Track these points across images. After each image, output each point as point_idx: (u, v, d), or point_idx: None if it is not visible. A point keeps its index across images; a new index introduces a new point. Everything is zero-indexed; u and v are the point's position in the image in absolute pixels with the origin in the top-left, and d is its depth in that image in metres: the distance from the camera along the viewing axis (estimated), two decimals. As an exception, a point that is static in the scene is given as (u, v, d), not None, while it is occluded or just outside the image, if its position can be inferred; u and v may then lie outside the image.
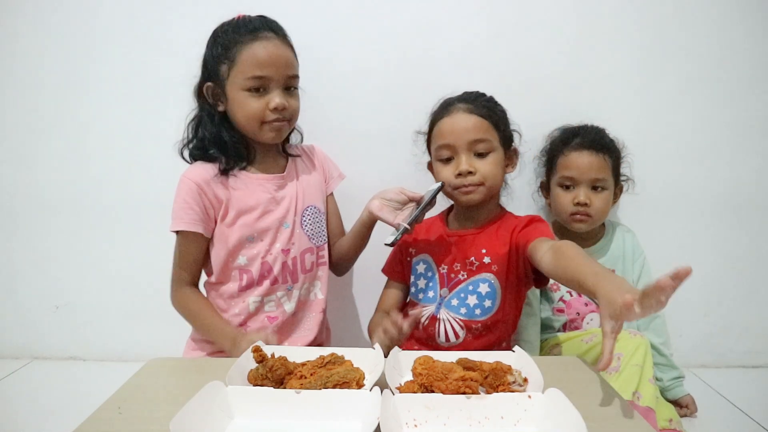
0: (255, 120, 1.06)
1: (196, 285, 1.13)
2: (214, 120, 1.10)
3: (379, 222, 1.13)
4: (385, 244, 1.05)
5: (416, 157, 1.26)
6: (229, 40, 1.06)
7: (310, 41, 1.18)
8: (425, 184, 1.25)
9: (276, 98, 1.05)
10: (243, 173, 1.12)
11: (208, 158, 1.10)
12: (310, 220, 1.18)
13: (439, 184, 1.07)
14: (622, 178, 1.34)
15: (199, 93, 1.11)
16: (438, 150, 1.11)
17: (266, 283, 1.12)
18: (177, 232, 1.08)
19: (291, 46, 1.10)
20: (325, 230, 1.23)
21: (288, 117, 1.09)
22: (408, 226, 1.03)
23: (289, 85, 1.09)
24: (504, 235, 1.10)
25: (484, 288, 1.09)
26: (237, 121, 1.09)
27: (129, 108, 1.46)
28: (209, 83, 1.08)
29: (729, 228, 1.50)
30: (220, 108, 1.10)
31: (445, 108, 1.12)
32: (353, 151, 1.41)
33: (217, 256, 1.10)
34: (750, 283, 1.52)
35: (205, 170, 1.09)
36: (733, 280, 1.52)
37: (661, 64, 1.43)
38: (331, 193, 1.27)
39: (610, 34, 1.42)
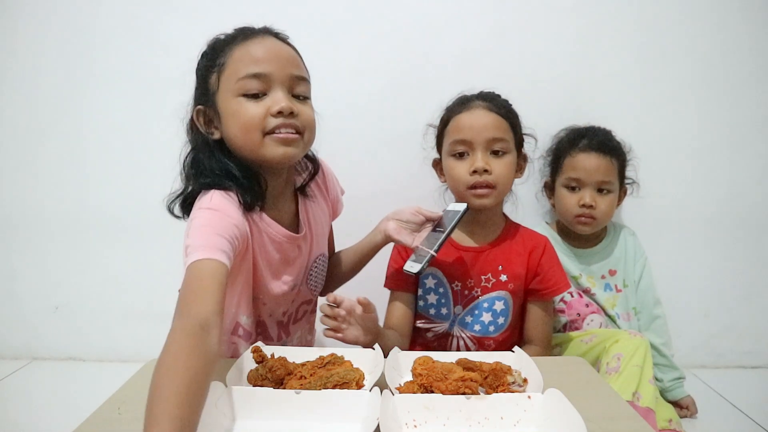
0: (255, 130, 0.83)
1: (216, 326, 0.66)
2: (211, 150, 0.88)
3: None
4: (410, 273, 0.94)
5: (423, 152, 1.21)
6: (217, 48, 0.88)
7: (309, 42, 1.16)
8: (425, 184, 1.25)
9: (281, 101, 0.83)
10: (261, 219, 0.90)
11: (222, 187, 0.86)
12: (315, 272, 1.04)
13: (464, 206, 0.99)
14: (627, 180, 1.34)
15: (191, 126, 0.91)
16: (453, 145, 1.07)
17: (259, 339, 0.97)
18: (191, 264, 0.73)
19: (296, 49, 0.92)
20: (325, 273, 1.09)
21: (300, 128, 0.86)
22: (434, 253, 0.93)
23: (297, 92, 0.87)
24: (520, 255, 1.09)
25: (499, 305, 1.08)
26: (234, 139, 0.86)
27: (128, 109, 1.46)
28: (199, 107, 0.89)
29: (729, 229, 1.49)
30: (215, 135, 0.88)
31: (463, 103, 1.09)
32: (349, 156, 1.37)
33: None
34: (750, 284, 1.52)
35: (230, 200, 0.85)
36: (733, 281, 1.52)
37: (666, 66, 1.43)
38: None
39: (614, 36, 1.42)
